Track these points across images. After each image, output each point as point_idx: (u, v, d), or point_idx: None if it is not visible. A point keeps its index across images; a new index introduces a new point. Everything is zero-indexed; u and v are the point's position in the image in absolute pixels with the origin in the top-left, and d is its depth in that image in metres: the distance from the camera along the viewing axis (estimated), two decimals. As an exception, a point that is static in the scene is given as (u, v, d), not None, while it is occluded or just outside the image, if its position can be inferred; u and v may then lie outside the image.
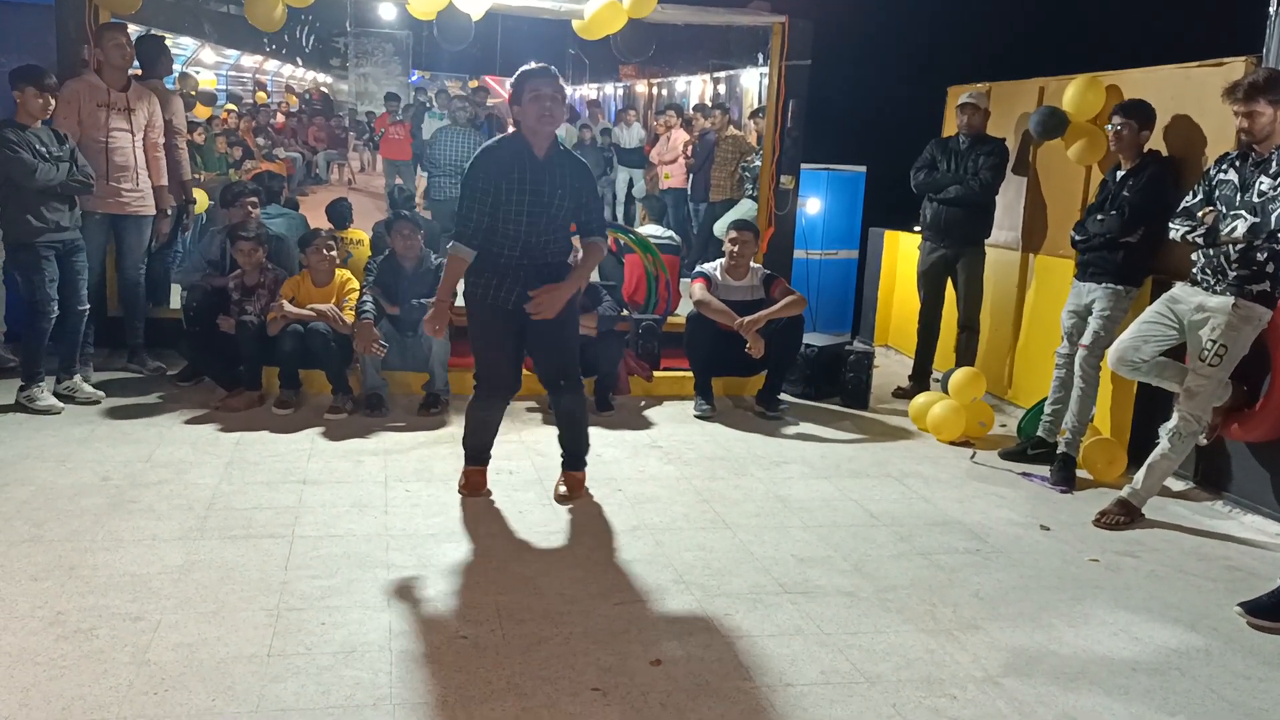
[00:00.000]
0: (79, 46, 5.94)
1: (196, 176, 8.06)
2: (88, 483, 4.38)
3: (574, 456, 4.61)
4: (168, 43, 7.17)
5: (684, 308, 6.90)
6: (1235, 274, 4.28)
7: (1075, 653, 3.39)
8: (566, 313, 4.30)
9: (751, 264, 6.21)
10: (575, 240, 4.52)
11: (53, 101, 5.23)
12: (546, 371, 4.48)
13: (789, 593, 3.70)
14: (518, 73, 4.12)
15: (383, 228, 6.89)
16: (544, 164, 4.11)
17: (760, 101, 10.85)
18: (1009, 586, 3.87)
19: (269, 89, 18.53)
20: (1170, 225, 4.55)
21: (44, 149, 5.18)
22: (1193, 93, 5.18)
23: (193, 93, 11.05)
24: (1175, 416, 4.51)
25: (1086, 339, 5.06)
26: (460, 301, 4.55)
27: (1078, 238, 5.17)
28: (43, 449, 4.78)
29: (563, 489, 4.57)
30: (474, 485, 4.56)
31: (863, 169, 8.49)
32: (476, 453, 4.58)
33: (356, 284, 5.80)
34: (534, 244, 4.17)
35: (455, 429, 5.40)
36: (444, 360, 5.73)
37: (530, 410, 5.87)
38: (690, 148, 10.38)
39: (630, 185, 12.10)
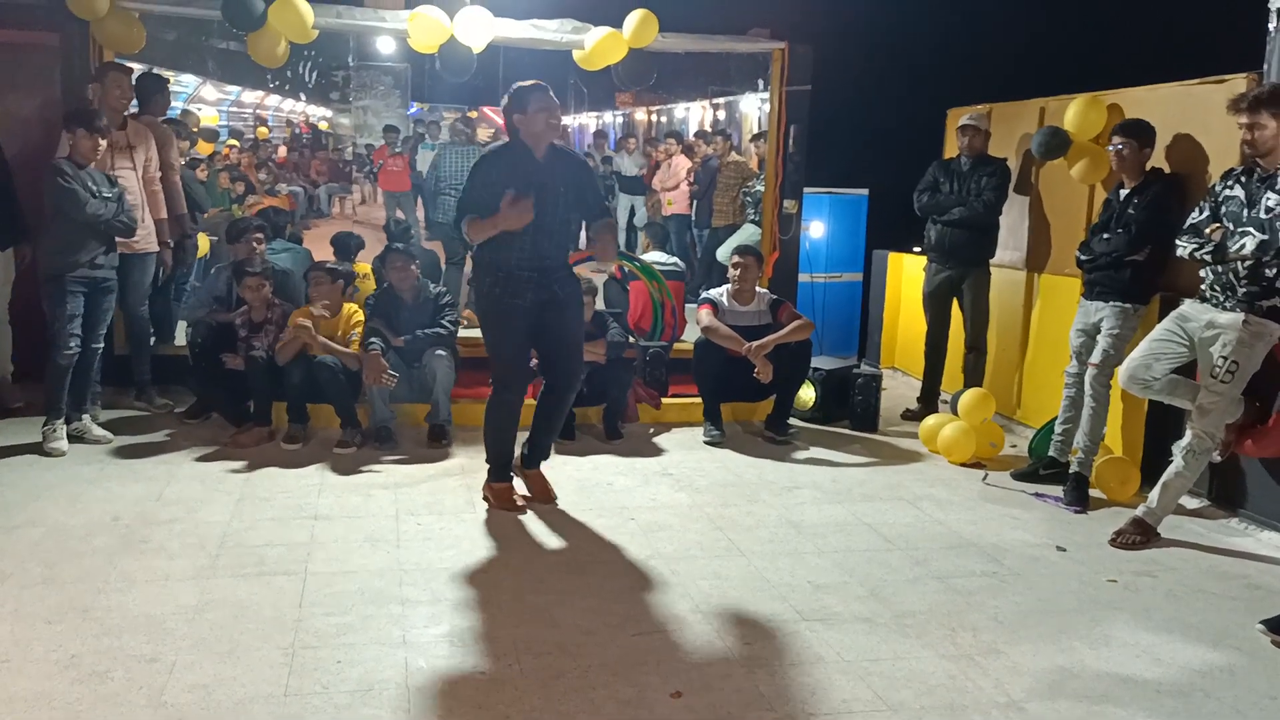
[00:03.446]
0: (84, 86, 5.97)
1: (199, 214, 8.08)
2: (99, 522, 4.36)
3: (540, 452, 4.86)
4: (169, 81, 7.21)
5: (690, 334, 6.90)
6: (1245, 290, 4.28)
7: (1098, 675, 3.36)
8: (576, 322, 4.72)
9: (758, 289, 6.21)
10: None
11: (103, 144, 5.29)
12: (553, 374, 4.76)
13: (806, 620, 3.67)
14: (518, 86, 4.48)
15: (378, 262, 6.87)
16: (544, 164, 4.48)
17: (760, 126, 10.89)
18: (1027, 609, 3.85)
19: (270, 124, 18.61)
20: (1177, 242, 4.55)
21: (95, 187, 5.25)
22: (1195, 110, 5.19)
23: (195, 129, 11.09)
24: (1188, 434, 4.49)
25: (1096, 358, 5.05)
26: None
27: (1083, 258, 5.17)
28: (52, 489, 4.76)
29: (527, 492, 4.82)
30: (504, 498, 4.74)
31: (865, 192, 8.51)
32: (500, 463, 4.77)
33: (363, 316, 5.80)
34: (542, 241, 4.47)
35: (464, 460, 5.39)
36: (448, 389, 5.72)
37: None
38: (692, 174, 10.41)
39: (632, 213, 12.13)
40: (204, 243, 7.42)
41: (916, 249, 8.00)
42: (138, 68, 6.74)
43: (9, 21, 6.23)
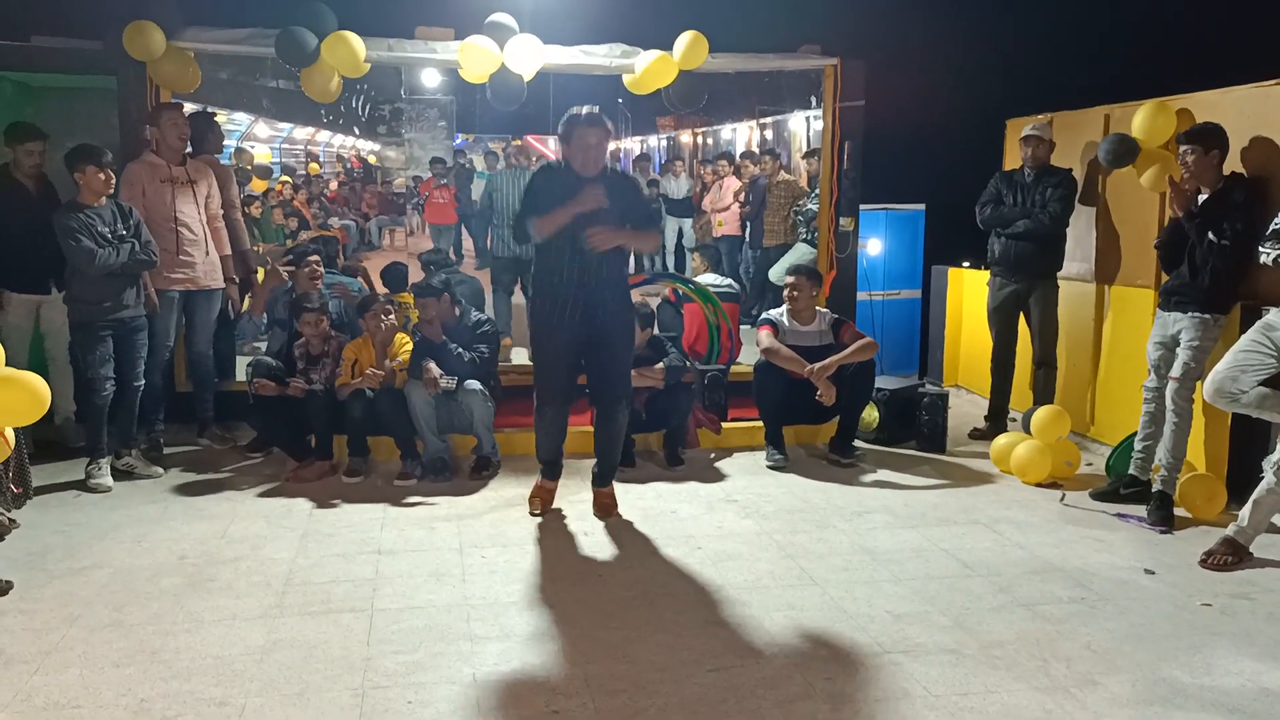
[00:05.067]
0: (141, 128, 6.02)
1: (255, 249, 8.13)
2: (165, 562, 4.34)
3: (606, 473, 5.02)
4: (220, 119, 7.27)
5: (746, 356, 6.79)
6: (1336, 297, 4.09)
7: (1203, 705, 3.18)
8: (623, 334, 4.80)
9: (818, 308, 6.09)
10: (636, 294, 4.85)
11: (114, 176, 5.30)
12: (603, 388, 4.84)
13: (889, 653, 3.53)
14: (568, 115, 4.60)
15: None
16: (593, 181, 4.57)
17: (808, 144, 10.77)
18: (1121, 636, 3.67)
19: (320, 159, 18.86)
20: (1260, 249, 4.38)
21: (106, 229, 5.23)
22: (1271, 112, 5.00)
23: (249, 167, 11.24)
24: (1280, 449, 4.30)
25: (1177, 371, 4.86)
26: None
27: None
28: (118, 529, 4.75)
29: (595, 509, 5.00)
30: (533, 493, 5.04)
31: (922, 207, 8.37)
32: (548, 464, 5.06)
33: (410, 345, 5.75)
34: (590, 258, 4.57)
35: (525, 491, 5.30)
36: (487, 423, 5.61)
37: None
38: (742, 194, 10.31)
39: (680, 235, 12.06)
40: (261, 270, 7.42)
41: (966, 263, 7.84)
42: (190, 107, 6.80)
43: (67, 65, 6.31)
